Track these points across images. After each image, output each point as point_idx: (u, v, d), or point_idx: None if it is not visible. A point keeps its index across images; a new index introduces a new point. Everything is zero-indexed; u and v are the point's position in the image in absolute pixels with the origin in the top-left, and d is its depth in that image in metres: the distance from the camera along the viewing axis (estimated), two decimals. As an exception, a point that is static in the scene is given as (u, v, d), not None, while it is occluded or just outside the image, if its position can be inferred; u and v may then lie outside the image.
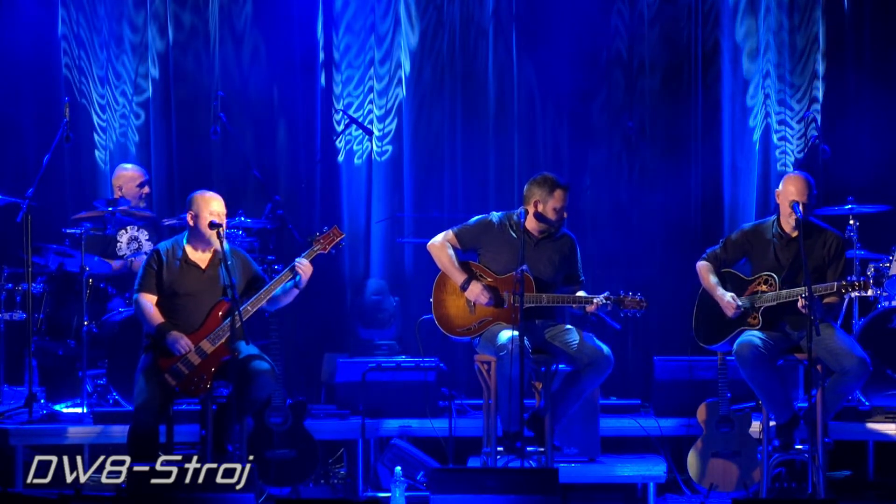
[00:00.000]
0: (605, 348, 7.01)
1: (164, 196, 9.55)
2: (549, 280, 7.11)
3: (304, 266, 6.99)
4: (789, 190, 7.05)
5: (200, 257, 7.05)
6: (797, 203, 6.96)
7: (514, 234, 7.11)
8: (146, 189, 8.83)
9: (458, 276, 7.11)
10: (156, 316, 6.92)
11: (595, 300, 6.97)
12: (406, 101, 9.60)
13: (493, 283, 7.11)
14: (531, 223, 7.13)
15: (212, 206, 7.00)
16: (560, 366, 7.16)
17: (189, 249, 7.05)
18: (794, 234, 7.04)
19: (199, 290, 6.98)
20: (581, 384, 7.03)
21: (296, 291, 7.04)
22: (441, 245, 7.20)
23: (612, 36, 9.46)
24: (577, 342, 7.00)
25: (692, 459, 7.54)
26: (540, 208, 7.10)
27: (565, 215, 7.15)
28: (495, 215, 7.23)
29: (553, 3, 9.42)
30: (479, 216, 7.29)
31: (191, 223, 7.03)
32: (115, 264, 8.46)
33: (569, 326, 7.14)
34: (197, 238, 7.04)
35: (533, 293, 6.95)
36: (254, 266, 7.19)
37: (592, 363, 6.96)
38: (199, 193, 7.08)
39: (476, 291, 7.07)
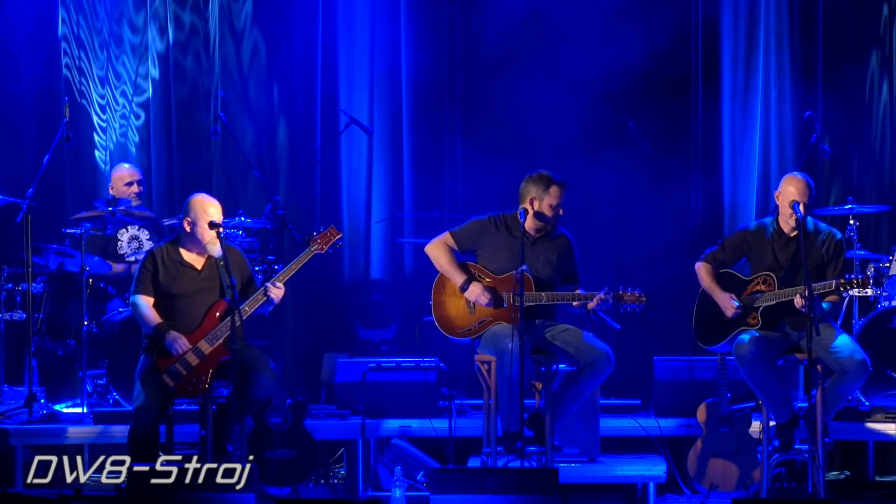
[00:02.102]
0: (606, 348, 7.01)
1: (164, 196, 9.54)
2: (547, 279, 7.10)
3: (275, 294, 6.91)
4: (789, 190, 7.05)
5: (196, 258, 7.01)
6: (797, 203, 6.97)
7: (511, 234, 7.12)
8: (135, 188, 8.77)
9: (458, 278, 7.11)
10: (153, 317, 6.90)
11: (595, 297, 6.97)
12: (405, 101, 9.60)
13: (491, 283, 7.11)
14: (528, 221, 7.13)
15: (209, 212, 6.95)
16: (560, 366, 7.16)
17: (184, 251, 7.01)
18: (793, 233, 7.04)
19: (195, 291, 6.95)
20: (581, 384, 7.03)
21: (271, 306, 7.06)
22: (439, 247, 7.19)
23: (612, 36, 9.46)
24: (577, 342, 6.99)
25: (692, 459, 7.54)
26: (536, 206, 7.11)
27: (561, 212, 7.15)
28: (492, 216, 7.24)
29: (553, 3, 9.42)
30: (476, 217, 7.29)
31: (187, 229, 6.96)
32: (117, 267, 8.46)
33: (569, 326, 7.14)
34: (193, 242, 6.99)
35: (532, 292, 6.95)
36: (249, 267, 7.17)
37: (593, 363, 6.96)
38: (196, 199, 6.99)
39: (476, 292, 7.06)
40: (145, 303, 6.94)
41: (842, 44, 9.30)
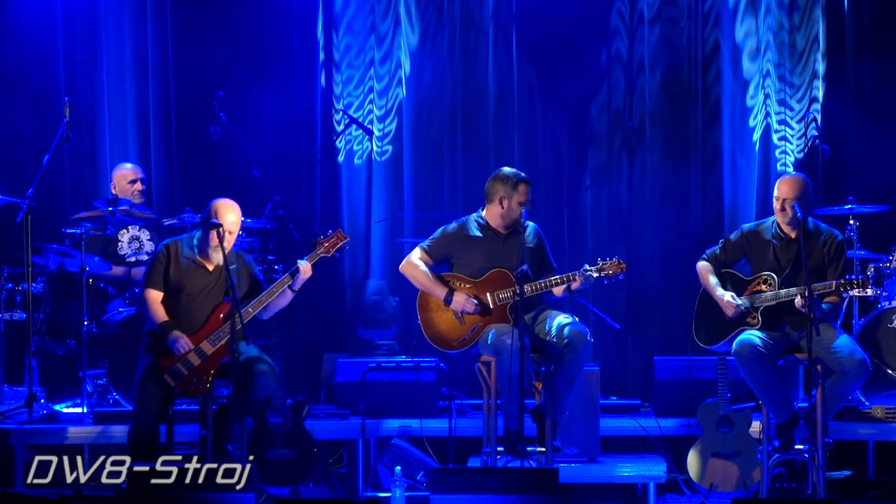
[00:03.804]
0: (580, 326, 6.97)
1: (164, 196, 9.55)
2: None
3: (303, 268, 6.98)
4: (783, 189, 7.05)
5: (209, 259, 7.04)
6: (797, 203, 6.97)
7: (482, 234, 7.14)
8: (138, 186, 8.80)
9: (440, 291, 7.10)
10: (160, 313, 6.92)
11: (578, 276, 6.95)
12: (406, 101, 9.60)
13: (472, 289, 7.10)
14: (496, 220, 7.15)
15: (227, 217, 6.98)
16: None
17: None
18: (794, 234, 7.04)
19: (203, 290, 6.98)
20: (565, 371, 6.94)
21: (290, 295, 7.03)
22: (414, 264, 7.19)
23: (612, 36, 9.47)
24: (553, 327, 6.95)
25: (692, 459, 7.54)
26: (505, 204, 7.11)
27: (529, 208, 7.15)
28: (457, 222, 7.24)
29: (553, 3, 9.42)
30: (443, 227, 7.29)
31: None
32: (117, 270, 8.45)
33: (549, 310, 7.09)
34: (208, 243, 7.02)
35: (516, 287, 6.92)
36: (255, 271, 7.19)
37: (568, 344, 6.90)
38: (219, 203, 7.03)
39: (461, 301, 7.06)
40: (154, 297, 6.96)
41: (842, 43, 9.30)
